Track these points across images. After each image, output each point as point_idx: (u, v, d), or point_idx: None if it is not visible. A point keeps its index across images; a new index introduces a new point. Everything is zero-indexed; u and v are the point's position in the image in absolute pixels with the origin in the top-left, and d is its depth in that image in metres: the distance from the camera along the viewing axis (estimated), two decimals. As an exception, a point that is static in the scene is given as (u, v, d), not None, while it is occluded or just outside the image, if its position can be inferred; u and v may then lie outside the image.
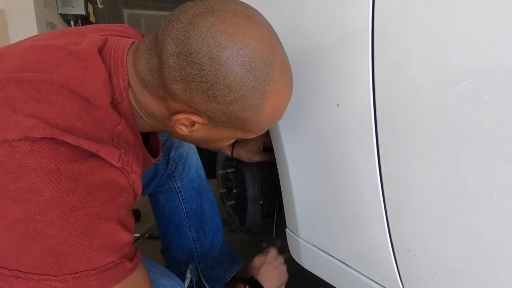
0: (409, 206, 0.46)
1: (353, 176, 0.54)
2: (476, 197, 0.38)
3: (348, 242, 0.60)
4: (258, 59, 0.45)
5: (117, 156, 0.46)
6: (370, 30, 0.45)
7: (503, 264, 0.38)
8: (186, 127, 0.52)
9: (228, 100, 0.46)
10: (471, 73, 0.36)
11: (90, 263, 0.43)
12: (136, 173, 0.49)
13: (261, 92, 0.47)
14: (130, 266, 0.48)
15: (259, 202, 1.00)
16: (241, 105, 0.47)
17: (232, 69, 0.44)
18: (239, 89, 0.45)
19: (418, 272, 0.48)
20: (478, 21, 0.35)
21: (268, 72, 0.46)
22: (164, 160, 0.95)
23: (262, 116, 0.50)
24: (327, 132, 0.57)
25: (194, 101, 0.47)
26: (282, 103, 0.52)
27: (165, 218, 0.99)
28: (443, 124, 0.39)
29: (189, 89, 0.46)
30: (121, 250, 0.47)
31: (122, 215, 0.47)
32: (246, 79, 0.45)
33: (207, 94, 0.46)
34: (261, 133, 0.57)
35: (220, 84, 0.45)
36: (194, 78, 0.45)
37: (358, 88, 0.48)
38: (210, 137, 0.55)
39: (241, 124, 0.51)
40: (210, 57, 0.43)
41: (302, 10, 0.57)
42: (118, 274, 0.46)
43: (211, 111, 0.48)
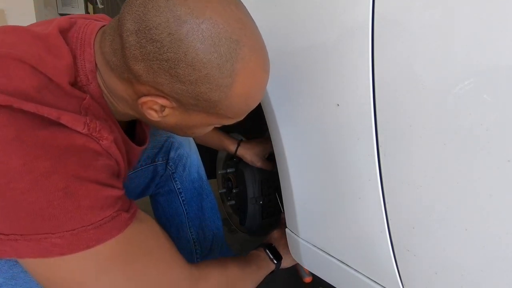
0: (409, 206, 0.46)
1: (353, 176, 0.54)
2: (476, 197, 0.38)
3: (348, 242, 0.60)
4: (223, 34, 0.43)
5: (82, 123, 0.44)
6: (370, 30, 0.45)
7: (503, 264, 0.38)
8: (156, 112, 0.49)
9: (193, 79, 0.44)
10: (471, 73, 0.36)
11: (85, 220, 0.43)
12: (107, 140, 0.47)
13: (229, 71, 0.44)
14: (128, 216, 0.48)
15: (259, 202, 1.00)
16: (208, 85, 0.44)
17: (193, 45, 0.42)
18: (202, 67, 0.43)
19: (418, 272, 0.48)
20: (478, 21, 0.35)
21: (235, 49, 0.44)
22: (163, 161, 0.94)
23: (233, 97, 0.47)
24: (327, 132, 0.57)
25: (158, 82, 0.45)
26: (255, 84, 0.49)
27: (166, 220, 0.98)
28: (443, 124, 0.39)
29: (152, 69, 0.44)
30: (115, 205, 0.46)
31: (103, 178, 0.45)
32: (210, 56, 0.42)
33: (170, 74, 0.43)
34: (238, 119, 0.54)
35: (181, 62, 0.42)
36: (155, 57, 0.42)
37: (358, 88, 0.48)
38: (183, 123, 0.53)
39: (212, 107, 0.48)
40: (169, 33, 0.41)
41: (302, 10, 0.57)
42: (118, 225, 0.46)
43: (177, 93, 0.46)
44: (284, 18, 0.62)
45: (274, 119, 0.69)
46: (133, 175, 0.90)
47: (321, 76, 0.55)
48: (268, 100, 0.69)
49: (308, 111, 0.60)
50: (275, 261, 0.82)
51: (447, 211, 0.42)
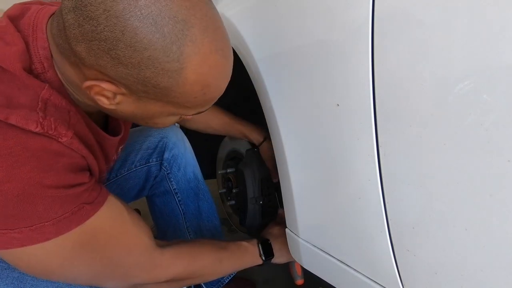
0: (409, 206, 0.46)
1: (353, 176, 0.54)
2: (476, 197, 0.38)
3: (348, 242, 0.60)
4: (166, 12, 0.39)
5: (34, 121, 0.41)
6: (370, 30, 0.45)
7: (503, 264, 0.38)
8: (107, 99, 0.46)
9: (135, 62, 0.40)
10: (471, 73, 0.36)
11: (42, 218, 0.43)
12: (66, 136, 0.45)
13: (176, 54, 0.40)
14: (90, 208, 0.48)
15: (259, 202, 1.00)
16: (153, 69, 0.41)
17: (131, 24, 0.38)
18: (143, 48, 0.39)
19: (418, 272, 0.48)
20: (478, 21, 0.35)
21: (182, 30, 0.40)
22: (157, 162, 0.93)
23: (186, 85, 0.43)
24: (327, 132, 0.57)
25: (101, 65, 0.42)
26: (211, 71, 0.44)
27: (163, 221, 0.98)
28: (443, 124, 0.39)
29: (93, 50, 0.40)
30: (77, 200, 0.46)
31: (64, 180, 0.45)
32: (151, 36, 0.39)
33: (111, 55, 0.40)
34: (201, 109, 0.50)
35: (120, 42, 0.39)
36: (93, 36, 0.39)
37: (358, 88, 0.48)
38: (140, 112, 0.49)
39: (164, 94, 0.44)
40: (104, 9, 0.38)
41: (301, 10, 0.57)
42: (77, 219, 0.46)
43: (122, 77, 0.42)
44: (284, 18, 0.62)
45: (274, 119, 0.69)
46: (127, 176, 0.90)
47: (321, 76, 0.55)
48: (268, 100, 0.69)
49: (308, 111, 0.60)
50: (263, 257, 0.81)
51: (447, 211, 0.42)
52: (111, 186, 0.89)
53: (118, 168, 0.89)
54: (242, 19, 0.75)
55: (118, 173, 0.89)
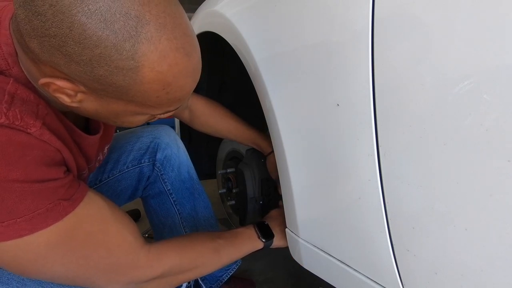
0: (409, 206, 0.46)
1: (353, 176, 0.54)
2: (476, 197, 0.38)
3: (348, 242, 0.60)
4: (116, 8, 0.38)
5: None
6: (370, 30, 0.45)
7: (503, 264, 0.38)
8: (68, 97, 0.44)
9: (86, 59, 0.39)
10: (471, 73, 0.36)
11: (13, 214, 0.42)
12: (35, 127, 0.44)
13: (130, 52, 0.39)
14: (67, 205, 0.46)
15: (259, 202, 1.00)
16: (106, 67, 0.40)
17: (78, 19, 0.37)
18: (93, 45, 0.38)
19: (418, 272, 0.48)
20: (478, 21, 0.35)
21: (135, 27, 0.39)
22: (150, 163, 0.93)
23: (145, 84, 0.42)
24: (327, 132, 0.57)
25: (55, 62, 0.40)
26: (172, 69, 0.42)
27: (158, 221, 0.98)
28: (443, 124, 0.39)
29: (44, 47, 0.39)
30: (52, 196, 0.45)
31: (35, 174, 0.43)
32: (100, 33, 0.38)
33: (62, 52, 0.39)
34: (167, 109, 0.49)
35: (68, 39, 0.38)
36: (42, 32, 0.38)
37: (358, 88, 0.48)
38: (104, 111, 0.48)
39: (123, 93, 0.43)
40: (50, 4, 0.37)
41: (301, 10, 0.57)
42: (53, 216, 0.45)
43: (77, 75, 0.41)
44: (284, 18, 0.62)
45: (274, 119, 0.69)
46: (119, 177, 0.90)
47: (321, 76, 0.55)
48: (268, 100, 0.69)
49: (308, 111, 0.60)
50: (263, 239, 0.78)
51: (447, 211, 0.42)
52: (103, 187, 0.89)
53: (110, 169, 0.89)
54: (242, 19, 0.75)
55: (110, 174, 0.89)
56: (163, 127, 1.00)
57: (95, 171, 0.87)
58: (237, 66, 0.83)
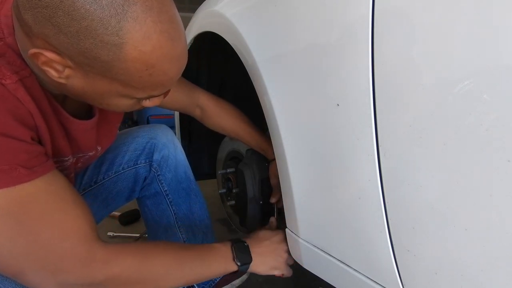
0: (409, 206, 0.46)
1: (353, 176, 0.54)
2: (476, 197, 0.38)
3: (348, 242, 0.60)
4: None
5: None
6: (370, 30, 0.45)
7: (503, 264, 0.38)
8: (55, 71, 0.46)
9: (73, 31, 0.41)
10: (471, 73, 0.36)
11: None
12: (11, 79, 0.45)
13: (115, 28, 0.41)
14: (26, 173, 0.45)
15: (259, 202, 1.00)
16: (91, 40, 0.42)
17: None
18: (81, 17, 0.41)
19: (418, 272, 0.48)
20: (478, 20, 0.35)
21: (122, 5, 0.41)
22: (146, 163, 0.92)
23: (128, 61, 0.44)
24: (327, 132, 0.57)
25: (45, 34, 0.43)
26: (156, 51, 0.44)
27: (154, 222, 0.97)
28: (443, 124, 0.39)
29: (37, 18, 0.42)
30: (11, 158, 0.44)
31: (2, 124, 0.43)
32: (89, 7, 0.40)
33: (52, 23, 0.41)
34: (151, 93, 0.49)
35: (59, 10, 0.40)
36: (36, 3, 0.41)
37: (358, 88, 0.48)
38: (89, 89, 0.49)
39: (107, 69, 0.45)
40: None
41: (301, 10, 0.57)
42: (7, 179, 0.44)
43: (64, 47, 0.43)
44: (284, 18, 0.62)
45: (274, 119, 0.69)
46: (115, 179, 0.90)
47: (321, 76, 0.55)
48: (268, 100, 0.69)
49: (308, 111, 0.60)
50: (238, 262, 0.69)
51: (447, 211, 0.42)
52: (99, 188, 0.88)
53: (106, 170, 0.89)
54: (242, 19, 0.75)
55: (106, 176, 0.89)
56: (160, 127, 0.99)
57: (89, 172, 0.87)
58: (237, 66, 0.83)
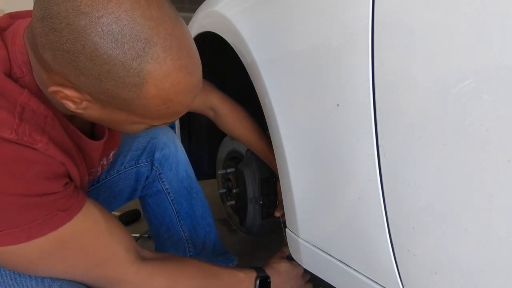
0: (409, 206, 0.46)
1: (353, 176, 0.54)
2: (476, 197, 0.38)
3: (348, 242, 0.60)
4: (127, 31, 0.41)
5: (8, 128, 0.43)
6: (370, 30, 0.45)
7: (503, 264, 0.38)
8: (73, 103, 0.47)
9: (95, 74, 0.42)
10: (471, 73, 0.36)
11: (12, 224, 0.44)
12: (42, 143, 0.46)
13: (136, 70, 0.42)
14: (64, 215, 0.48)
15: (259, 202, 1.00)
16: (113, 82, 0.43)
17: (91, 39, 0.40)
18: (103, 62, 0.41)
19: (418, 272, 0.48)
20: (478, 20, 0.35)
21: (143, 48, 0.42)
22: (147, 162, 0.93)
23: (148, 98, 0.45)
24: (327, 132, 0.57)
25: (65, 73, 0.44)
26: (174, 87, 0.46)
27: (156, 220, 0.98)
28: (443, 124, 0.39)
29: (57, 59, 0.43)
30: (51, 207, 0.47)
31: (35, 189, 0.45)
32: (111, 52, 0.41)
33: (73, 66, 0.42)
34: (167, 121, 0.52)
35: (81, 55, 0.41)
36: (57, 47, 0.42)
37: (358, 88, 0.48)
38: (106, 118, 0.51)
39: (126, 105, 0.46)
40: (67, 23, 0.40)
41: (302, 10, 0.57)
42: (50, 226, 0.47)
43: (85, 86, 0.44)
44: (284, 18, 0.62)
45: (274, 119, 0.69)
46: (116, 178, 0.90)
47: (321, 76, 0.55)
48: (269, 100, 0.69)
49: (308, 111, 0.60)
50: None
51: (447, 211, 0.42)
52: (101, 188, 0.89)
53: (108, 170, 0.89)
54: (242, 19, 0.75)
55: (108, 175, 0.89)
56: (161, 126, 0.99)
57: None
58: (237, 66, 0.83)
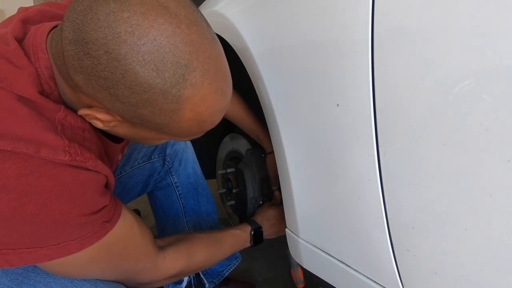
0: (409, 206, 0.46)
1: (353, 176, 0.54)
2: (476, 197, 0.38)
3: (348, 242, 0.60)
4: (168, 58, 0.39)
5: (62, 151, 0.42)
6: (370, 30, 0.45)
7: (503, 264, 0.38)
8: (101, 122, 0.46)
9: (133, 101, 0.41)
10: (471, 73, 0.36)
11: (69, 237, 0.47)
12: (91, 159, 0.46)
13: (175, 97, 0.41)
14: (109, 225, 0.51)
15: (259, 202, 1.00)
16: (150, 109, 0.41)
17: (132, 68, 0.38)
18: (143, 91, 0.40)
19: (418, 272, 0.48)
20: (478, 21, 0.35)
21: (183, 74, 0.40)
22: (160, 158, 0.96)
23: (182, 121, 0.44)
24: (327, 132, 0.57)
25: (98, 97, 0.42)
26: (208, 109, 0.45)
27: (163, 213, 1.00)
28: (443, 124, 0.39)
29: (91, 83, 0.41)
30: (100, 220, 0.49)
31: (90, 208, 0.47)
32: (152, 81, 0.39)
33: (109, 92, 0.40)
34: (193, 137, 0.52)
35: (119, 83, 0.39)
36: (92, 72, 0.39)
37: (358, 88, 0.48)
38: (133, 135, 0.51)
39: (159, 128, 0.46)
40: (106, 51, 0.38)
41: (301, 10, 0.57)
42: (97, 236, 0.50)
43: (118, 111, 0.43)
44: (284, 18, 0.62)
45: (274, 119, 0.69)
46: (130, 174, 0.92)
47: (321, 76, 0.55)
48: (268, 100, 0.69)
49: (308, 111, 0.60)
50: (253, 243, 0.86)
51: (447, 211, 0.42)
52: (116, 183, 0.90)
53: (122, 166, 0.91)
54: (242, 19, 0.75)
55: (122, 171, 0.91)
56: None
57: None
58: (237, 66, 0.83)
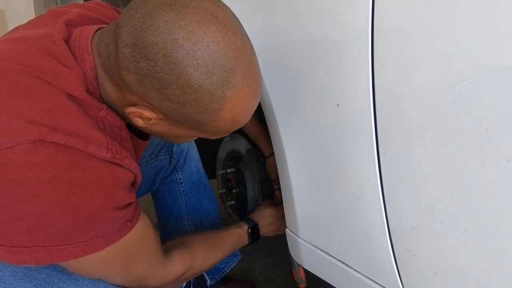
0: (409, 206, 0.46)
1: (353, 176, 0.54)
2: (476, 197, 0.38)
3: (348, 242, 0.60)
4: (218, 62, 0.44)
5: (105, 148, 0.46)
6: (370, 30, 0.45)
7: (503, 264, 0.38)
8: (142, 120, 0.50)
9: (182, 101, 0.45)
10: (471, 73, 0.36)
11: (97, 233, 0.49)
12: (127, 158, 0.50)
13: (219, 97, 0.46)
14: (130, 224, 0.54)
15: (259, 202, 1.00)
16: (196, 108, 0.46)
17: (187, 70, 0.43)
18: (193, 91, 0.44)
19: (418, 272, 0.48)
20: (478, 20, 0.35)
21: (228, 77, 0.45)
22: (167, 155, 0.97)
23: (221, 120, 0.49)
24: (327, 132, 0.57)
25: (148, 96, 0.46)
26: (244, 109, 0.50)
27: (166, 209, 1.01)
28: (443, 124, 0.39)
29: (143, 84, 0.45)
30: (124, 218, 0.52)
31: (121, 203, 0.50)
32: (202, 82, 0.44)
33: (161, 92, 0.45)
34: (221, 136, 0.56)
35: (173, 84, 0.44)
36: (147, 73, 0.44)
37: (358, 88, 0.48)
38: (168, 133, 0.55)
39: (199, 126, 0.50)
40: (164, 55, 0.42)
41: (302, 10, 0.57)
42: (121, 234, 0.52)
43: (165, 109, 0.47)
44: (284, 18, 0.62)
45: (274, 119, 0.69)
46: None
47: (321, 76, 0.55)
48: (268, 100, 0.69)
49: (308, 111, 0.60)
50: (250, 241, 0.87)
51: (447, 211, 0.42)
52: None
53: None
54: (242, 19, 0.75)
55: None
56: None
57: None
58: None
